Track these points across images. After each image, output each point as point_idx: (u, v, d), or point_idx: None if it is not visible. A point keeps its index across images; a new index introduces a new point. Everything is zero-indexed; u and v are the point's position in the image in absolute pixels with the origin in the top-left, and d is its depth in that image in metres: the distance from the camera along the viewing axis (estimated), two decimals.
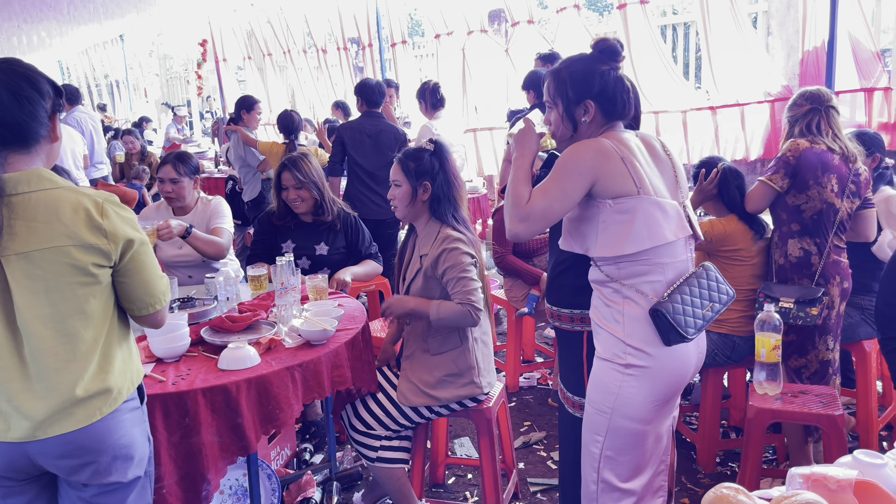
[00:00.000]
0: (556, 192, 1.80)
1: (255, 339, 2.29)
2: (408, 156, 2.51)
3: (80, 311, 1.54)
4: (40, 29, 10.18)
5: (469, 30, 7.01)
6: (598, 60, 1.90)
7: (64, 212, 1.50)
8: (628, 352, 1.87)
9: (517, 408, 3.70)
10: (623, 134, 1.90)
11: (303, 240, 3.20)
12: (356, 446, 2.58)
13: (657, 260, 1.84)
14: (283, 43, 9.97)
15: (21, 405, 1.51)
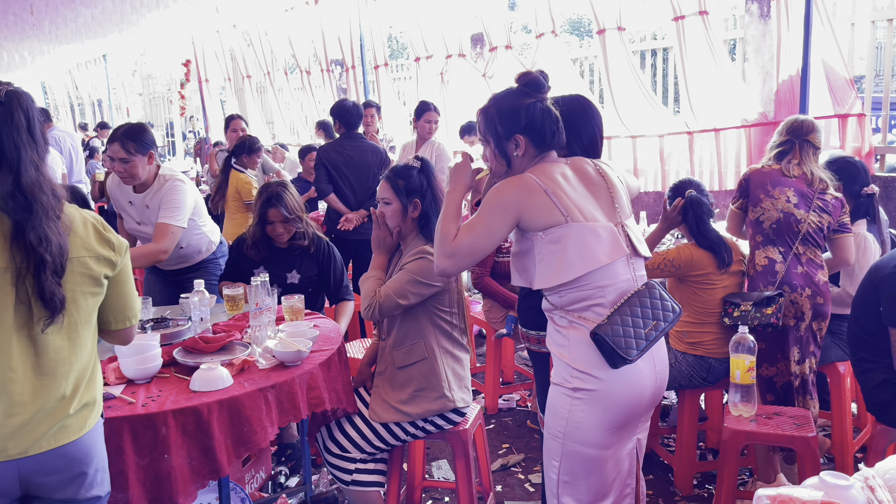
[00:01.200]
0: (482, 228, 1.85)
1: (228, 360, 2.26)
2: (396, 173, 2.50)
3: (88, 321, 1.62)
4: (22, 48, 10.13)
5: (448, 53, 7.08)
6: (523, 94, 1.93)
7: (77, 225, 1.57)
8: (575, 375, 1.87)
9: (496, 430, 3.68)
10: (550, 165, 1.91)
11: (275, 267, 3.14)
12: (331, 469, 2.55)
13: (596, 284, 1.85)
14: (264, 64, 10.00)
15: (26, 419, 1.50)
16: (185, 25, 9.48)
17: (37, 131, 1.52)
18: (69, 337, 1.56)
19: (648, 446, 3.30)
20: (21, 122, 1.49)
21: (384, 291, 2.40)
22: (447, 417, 2.51)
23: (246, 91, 10.73)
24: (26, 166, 1.48)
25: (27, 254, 1.46)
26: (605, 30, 5.68)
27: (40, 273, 1.47)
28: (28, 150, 1.49)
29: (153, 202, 3.16)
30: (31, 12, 7.20)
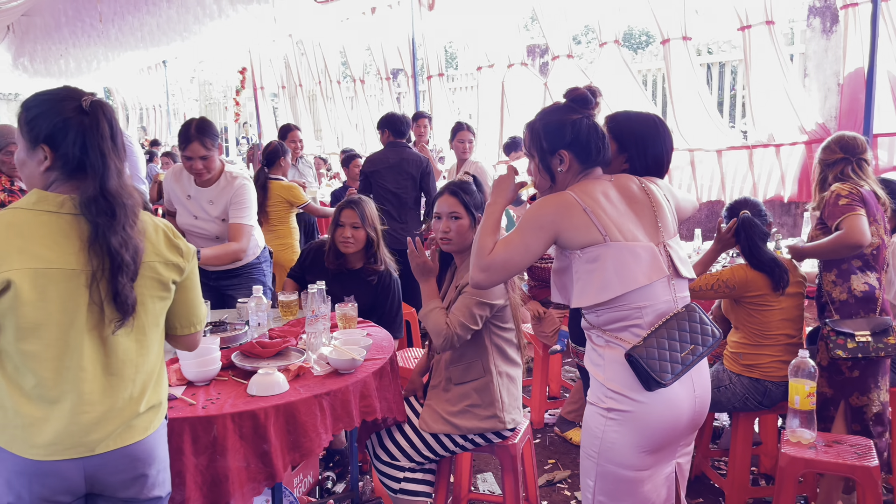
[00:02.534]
0: (518, 245, 1.84)
1: (284, 366, 2.31)
2: (462, 189, 2.50)
3: (156, 324, 1.67)
4: (88, 54, 10.51)
5: (510, 63, 7.08)
6: (570, 110, 1.92)
7: (149, 231, 1.63)
8: (609, 395, 1.85)
9: (542, 445, 3.66)
10: (592, 182, 1.90)
11: (336, 286, 3.01)
12: (380, 476, 2.57)
13: (633, 304, 1.82)
14: (317, 73, 10.17)
15: (96, 418, 1.56)
16: (242, 34, 9.70)
17: (118, 139, 1.57)
18: (137, 339, 1.62)
19: (698, 468, 3.24)
20: (105, 131, 1.54)
21: (455, 321, 2.36)
22: (497, 432, 2.51)
23: (298, 99, 10.92)
24: (111, 173, 1.54)
25: (105, 257, 1.51)
26: (670, 39, 5.61)
27: (116, 276, 1.51)
28: (112, 157, 1.54)
29: (219, 198, 3.17)
30: (100, 20, 7.48)
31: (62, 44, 9.70)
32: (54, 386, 1.52)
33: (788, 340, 2.85)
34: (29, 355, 1.50)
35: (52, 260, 1.49)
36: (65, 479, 1.56)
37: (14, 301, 1.47)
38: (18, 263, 1.46)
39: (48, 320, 1.49)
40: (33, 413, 1.51)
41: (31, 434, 1.52)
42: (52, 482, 1.55)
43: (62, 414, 1.53)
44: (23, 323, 1.48)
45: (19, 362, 1.51)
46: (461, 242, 2.48)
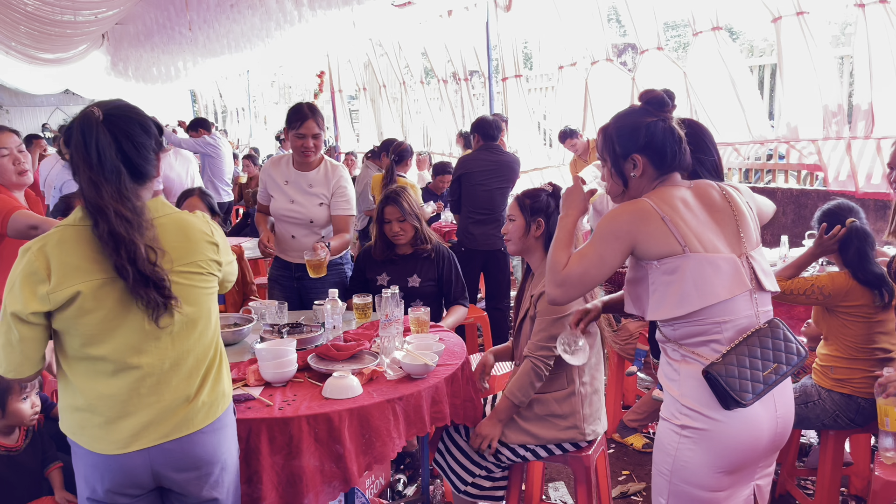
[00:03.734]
0: (594, 257, 1.77)
1: (358, 369, 2.33)
2: (526, 194, 2.57)
3: (208, 318, 1.76)
4: (177, 60, 11.00)
5: (594, 60, 6.92)
6: (644, 113, 1.84)
7: (192, 232, 1.72)
8: (684, 412, 1.77)
9: (616, 455, 3.58)
10: (670, 189, 1.80)
11: (396, 273, 3.25)
12: (449, 474, 2.57)
13: (713, 319, 1.74)
14: (399, 75, 10.28)
15: (159, 412, 1.65)
16: (321, 38, 9.92)
17: (98, 152, 1.58)
18: (194, 333, 1.71)
19: (783, 487, 3.09)
20: (80, 145, 1.58)
21: (535, 351, 2.38)
22: (574, 443, 2.46)
23: (382, 101, 11.06)
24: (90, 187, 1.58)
25: (125, 264, 1.56)
26: (782, 17, 5.28)
27: (139, 280, 1.57)
28: (92, 170, 1.58)
29: (319, 183, 3.28)
30: (189, 28, 7.80)
31: (153, 51, 10.18)
32: (121, 386, 1.62)
33: (884, 355, 2.68)
34: (96, 359, 1.61)
35: (99, 271, 1.57)
36: (133, 472, 1.65)
37: (78, 311, 1.57)
38: (78, 278, 1.56)
39: (108, 326, 1.59)
40: (105, 412, 1.62)
41: (105, 432, 1.63)
42: (122, 475, 1.64)
43: (130, 410, 1.63)
44: (87, 331, 1.59)
45: (88, 367, 1.62)
46: (516, 243, 2.54)
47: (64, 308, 1.56)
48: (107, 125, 1.58)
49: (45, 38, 8.90)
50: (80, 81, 15.60)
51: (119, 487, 1.66)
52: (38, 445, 2.31)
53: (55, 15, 7.46)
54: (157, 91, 14.64)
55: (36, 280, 1.54)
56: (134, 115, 1.65)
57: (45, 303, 1.54)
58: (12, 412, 2.20)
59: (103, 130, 1.57)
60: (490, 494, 2.56)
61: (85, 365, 1.62)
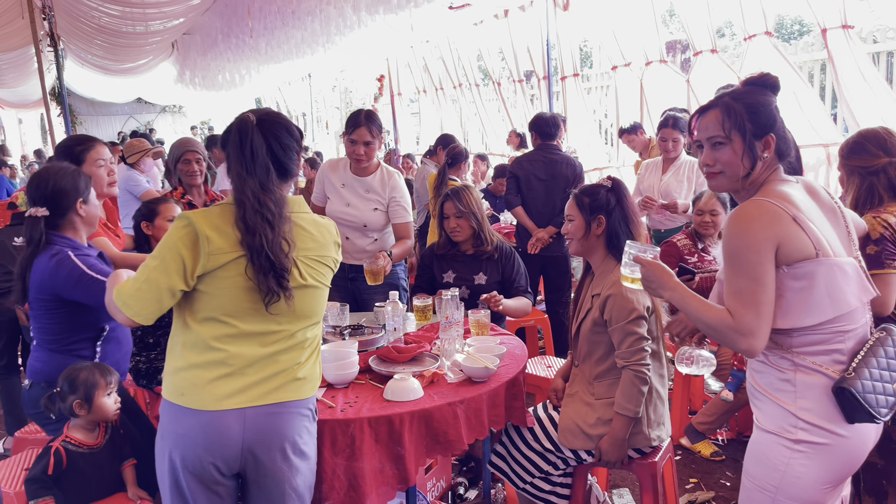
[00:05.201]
0: (750, 285, 1.59)
1: (418, 372, 2.33)
2: (583, 191, 2.51)
3: (322, 308, 1.94)
4: (241, 68, 11.30)
5: (648, 60, 6.81)
6: (767, 94, 1.72)
7: (323, 231, 1.92)
8: (801, 426, 1.65)
9: (682, 462, 3.47)
10: (783, 186, 1.67)
11: (463, 270, 3.25)
12: (508, 472, 2.54)
13: (838, 328, 1.63)
14: (456, 77, 10.30)
15: (267, 375, 1.80)
16: (381, 43, 10.03)
17: (250, 148, 1.79)
18: (299, 316, 1.85)
19: None
20: (236, 142, 1.80)
21: (629, 358, 2.30)
22: (637, 449, 2.40)
23: (441, 103, 11.12)
24: (235, 179, 1.82)
25: (258, 244, 1.73)
26: (828, 28, 5.12)
27: (261, 260, 1.73)
28: (238, 165, 1.80)
29: (375, 189, 3.33)
30: (250, 36, 7.99)
31: (218, 59, 10.48)
32: (241, 348, 1.78)
33: None
34: (222, 323, 1.77)
35: (241, 248, 1.75)
36: (227, 434, 1.76)
37: (220, 278, 1.74)
38: (230, 249, 1.74)
39: (238, 295, 1.76)
40: (219, 369, 1.77)
41: (213, 386, 1.76)
42: (217, 436, 1.76)
43: (242, 370, 1.78)
44: (222, 295, 1.75)
45: (215, 328, 1.77)
46: (577, 243, 2.49)
47: (213, 272, 1.73)
48: (259, 128, 1.78)
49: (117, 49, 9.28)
50: (151, 90, 16.21)
51: (209, 453, 1.76)
52: (117, 443, 2.39)
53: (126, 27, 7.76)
54: (223, 98, 15.07)
55: (198, 241, 1.72)
56: (281, 121, 1.84)
57: (202, 265, 1.72)
58: (98, 407, 2.28)
59: (257, 132, 1.78)
60: (547, 498, 2.52)
61: (211, 326, 1.78)
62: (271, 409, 1.81)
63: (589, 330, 2.41)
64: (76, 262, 2.28)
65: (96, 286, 2.26)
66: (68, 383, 2.27)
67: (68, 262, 2.27)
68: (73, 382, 2.27)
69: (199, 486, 1.79)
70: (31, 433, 2.83)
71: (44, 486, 2.20)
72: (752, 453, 1.76)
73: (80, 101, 17.57)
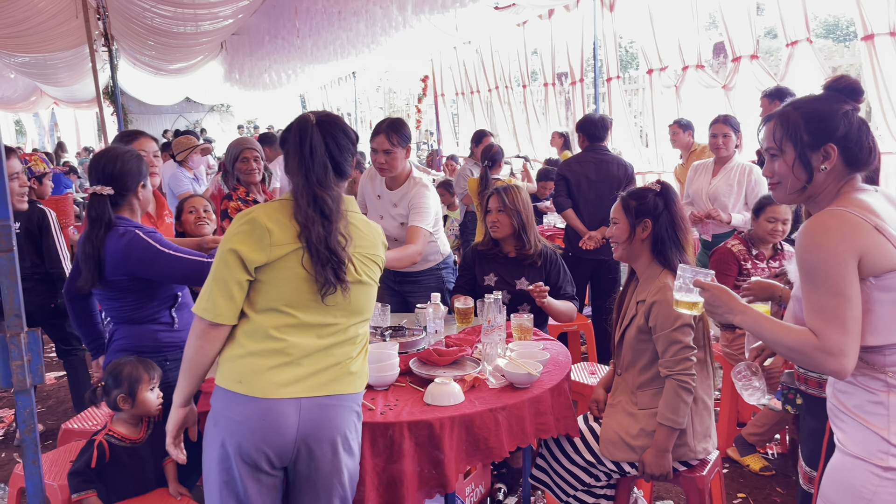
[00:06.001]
0: (833, 301, 1.48)
1: (459, 376, 2.29)
2: (631, 194, 2.44)
3: (372, 305, 1.98)
4: (287, 68, 11.43)
5: (685, 64, 6.67)
6: (836, 99, 1.62)
7: (374, 230, 1.99)
8: (893, 452, 1.53)
9: (730, 476, 3.36)
10: (859, 196, 1.58)
11: (505, 273, 3.19)
12: (552, 485, 2.48)
13: None
14: (493, 79, 10.26)
15: (322, 367, 1.84)
16: (425, 44, 10.03)
17: (310, 147, 1.87)
18: (350, 311, 1.89)
19: None
20: (295, 141, 1.88)
21: (673, 367, 2.23)
22: (684, 461, 2.32)
23: (476, 105, 11.08)
24: (296, 175, 1.89)
25: (317, 239, 1.80)
26: (874, 35, 4.96)
27: (318, 254, 1.79)
28: (303, 162, 1.87)
29: (402, 201, 3.29)
30: (297, 36, 8.07)
31: (265, 59, 10.62)
32: (299, 338, 1.82)
33: None
34: (282, 313, 1.81)
35: (298, 241, 1.80)
36: (283, 424, 1.78)
37: (280, 269, 1.79)
38: (289, 241, 1.79)
39: (297, 286, 1.80)
40: (278, 358, 1.80)
41: (272, 374, 1.79)
42: (273, 425, 1.77)
43: (299, 360, 1.81)
44: (282, 286, 1.80)
45: (274, 318, 1.80)
46: (621, 248, 2.43)
47: (274, 262, 1.78)
48: (319, 128, 1.86)
49: (169, 49, 9.46)
50: (199, 90, 16.53)
51: (265, 442, 1.78)
52: (159, 438, 2.40)
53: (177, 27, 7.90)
54: (269, 97, 15.27)
55: (259, 234, 1.78)
56: (339, 122, 1.92)
57: (264, 255, 1.77)
58: (141, 401, 2.30)
59: (316, 132, 1.85)
60: None
61: (271, 316, 1.81)
62: (326, 400, 1.83)
63: (633, 338, 2.34)
64: (148, 240, 2.31)
65: (176, 261, 2.31)
66: (112, 377, 2.30)
67: (140, 241, 2.31)
68: (118, 376, 2.29)
69: (251, 476, 1.81)
70: (77, 424, 2.87)
71: (87, 479, 2.23)
72: (833, 479, 1.64)
73: (131, 101, 18.01)
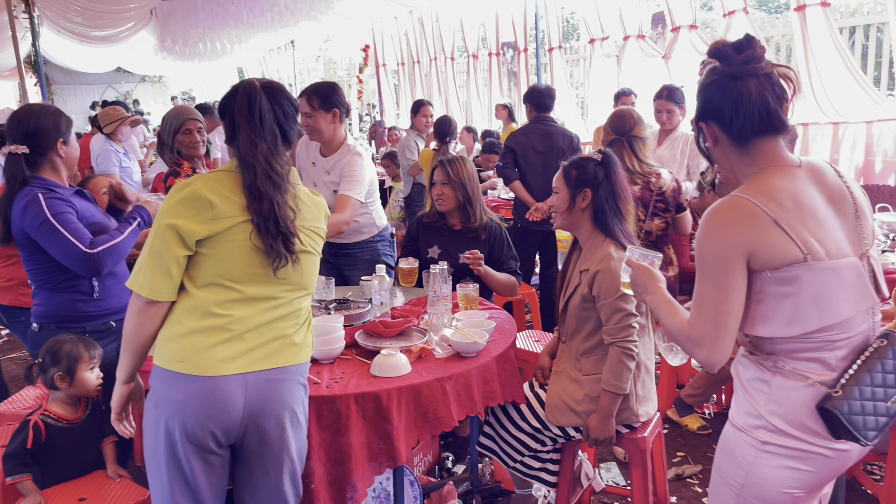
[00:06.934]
0: (712, 293, 1.48)
1: (406, 347, 2.28)
2: (572, 164, 2.45)
3: (315, 279, 1.93)
4: (223, 36, 11.03)
5: (626, 34, 6.74)
6: (710, 74, 1.56)
7: (317, 202, 1.94)
8: (770, 429, 1.52)
9: (670, 436, 3.47)
10: (772, 179, 1.49)
11: (449, 246, 3.18)
12: (499, 452, 2.52)
13: (827, 338, 1.47)
14: (433, 49, 10.16)
15: (266, 340, 1.78)
16: (366, 12, 9.83)
17: (258, 113, 1.79)
18: (293, 283, 1.84)
19: (849, 472, 2.95)
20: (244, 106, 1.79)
21: (617, 335, 2.26)
22: (625, 424, 2.38)
23: (416, 76, 10.97)
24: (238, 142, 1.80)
25: (266, 210, 1.75)
26: (806, 6, 5.10)
27: (266, 227, 1.74)
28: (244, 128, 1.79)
29: (334, 169, 3.22)
30: (231, 1, 7.79)
31: (199, 27, 10.23)
32: (244, 312, 1.76)
33: None
34: (226, 288, 1.74)
35: (243, 213, 1.74)
36: (229, 401, 1.73)
37: (223, 242, 1.72)
38: (232, 213, 1.72)
39: (241, 260, 1.74)
40: (213, 338, 1.73)
41: (216, 351, 1.73)
42: (219, 402, 1.72)
43: (243, 334, 1.76)
44: (224, 260, 1.73)
45: (218, 293, 1.74)
46: (561, 217, 2.45)
47: (216, 235, 1.72)
48: (266, 94, 1.79)
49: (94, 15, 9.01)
50: (132, 59, 15.84)
51: (211, 420, 1.72)
52: (97, 419, 2.33)
53: None
54: (205, 68, 14.75)
55: (200, 206, 1.70)
56: (283, 89, 1.86)
57: (206, 228, 1.70)
58: (80, 381, 2.23)
59: (264, 97, 1.78)
60: (537, 475, 2.50)
61: (213, 291, 1.75)
62: (271, 374, 1.79)
63: (577, 306, 2.37)
64: (42, 205, 2.22)
65: (56, 237, 2.20)
66: (51, 355, 2.21)
67: (35, 205, 2.22)
68: (56, 354, 2.21)
69: (197, 456, 1.75)
70: (8, 407, 2.75)
71: (22, 462, 2.15)
72: (721, 445, 1.65)
73: (56, 70, 17.15)
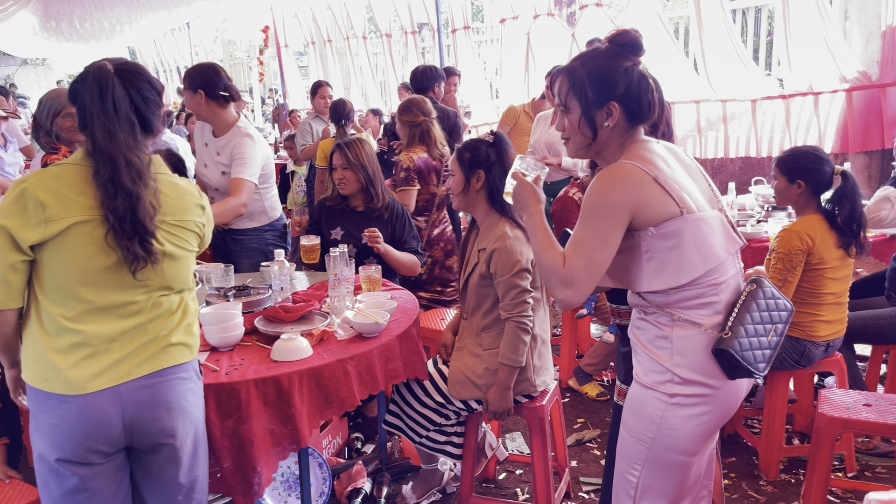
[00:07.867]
0: (593, 241, 1.57)
1: (307, 331, 2.28)
2: (465, 146, 2.51)
3: (188, 275, 1.79)
4: (111, 16, 10.46)
5: (535, 13, 6.86)
6: (618, 56, 1.64)
7: (184, 192, 1.77)
8: (676, 381, 1.66)
9: (570, 404, 3.63)
10: (643, 146, 1.66)
11: (352, 227, 3.19)
12: (405, 429, 2.58)
13: (711, 282, 1.63)
14: (343, 29, 10.01)
15: (134, 349, 1.67)
16: None
17: (112, 100, 1.63)
18: (177, 282, 1.74)
19: (731, 427, 3.18)
20: (95, 93, 1.63)
21: (512, 310, 2.33)
22: (525, 395, 2.48)
23: (328, 56, 10.78)
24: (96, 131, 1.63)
25: (120, 205, 1.59)
26: None
27: (123, 226, 1.60)
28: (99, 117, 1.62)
29: (224, 150, 3.17)
30: None
31: (85, 6, 9.66)
32: (100, 323, 1.63)
33: (835, 300, 2.74)
34: (77, 298, 1.61)
35: (92, 210, 1.60)
36: (104, 416, 1.63)
37: (67, 245, 1.58)
38: (74, 213, 1.58)
39: (92, 265, 1.61)
40: (72, 356, 1.61)
41: (78, 370, 1.61)
42: (94, 419, 1.62)
43: (105, 346, 1.63)
44: (73, 266, 1.59)
45: (70, 303, 1.61)
46: (457, 198, 2.52)
47: (54, 239, 1.58)
48: (119, 78, 1.63)
49: None
50: (12, 42, 14.79)
51: (89, 439, 1.63)
52: None
53: None
54: (94, 50, 13.96)
55: (32, 207, 1.56)
56: (142, 71, 1.70)
57: (37, 232, 1.56)
58: None
59: (117, 82, 1.62)
60: (443, 449, 2.58)
61: (62, 304, 1.62)
62: (147, 380, 1.68)
63: (476, 283, 2.44)
64: None
65: None
66: None
67: None
68: None
69: (87, 471, 1.66)
70: None
71: None
72: (629, 406, 1.77)
73: None
